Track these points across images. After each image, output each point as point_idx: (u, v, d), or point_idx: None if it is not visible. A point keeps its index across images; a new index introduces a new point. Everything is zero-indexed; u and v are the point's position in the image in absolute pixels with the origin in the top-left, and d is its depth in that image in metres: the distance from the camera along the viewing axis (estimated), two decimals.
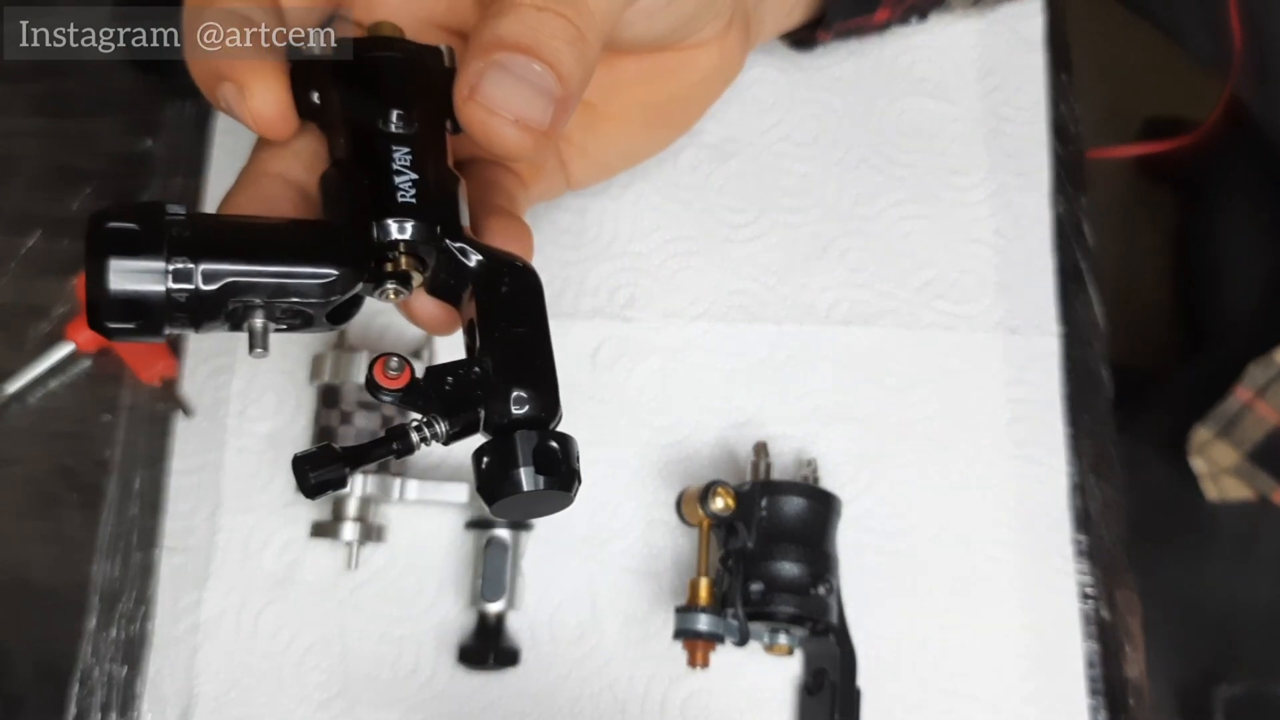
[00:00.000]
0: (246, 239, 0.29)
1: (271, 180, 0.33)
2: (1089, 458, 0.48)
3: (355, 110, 0.31)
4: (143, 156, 0.54)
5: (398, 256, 0.30)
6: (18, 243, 0.54)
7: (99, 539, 0.48)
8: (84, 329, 0.51)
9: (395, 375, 0.28)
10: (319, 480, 0.27)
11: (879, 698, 0.44)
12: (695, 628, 0.42)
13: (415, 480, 0.46)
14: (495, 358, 0.29)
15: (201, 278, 0.27)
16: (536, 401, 0.28)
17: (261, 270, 0.28)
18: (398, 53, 0.32)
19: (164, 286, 0.27)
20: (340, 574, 0.47)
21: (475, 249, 0.30)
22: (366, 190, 0.30)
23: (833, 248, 0.51)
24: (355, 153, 0.31)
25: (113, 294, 0.27)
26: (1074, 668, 0.45)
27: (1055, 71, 0.53)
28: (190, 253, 0.27)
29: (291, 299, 0.28)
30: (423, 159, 0.30)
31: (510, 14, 0.30)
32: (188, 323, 0.28)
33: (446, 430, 0.28)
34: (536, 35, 0.30)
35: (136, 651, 0.47)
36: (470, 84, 0.30)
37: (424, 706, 0.45)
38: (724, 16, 0.40)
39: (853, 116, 0.52)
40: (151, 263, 0.27)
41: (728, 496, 0.42)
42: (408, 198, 0.30)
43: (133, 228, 0.27)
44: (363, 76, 0.32)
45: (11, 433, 0.51)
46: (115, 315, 0.27)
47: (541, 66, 0.30)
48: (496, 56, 0.29)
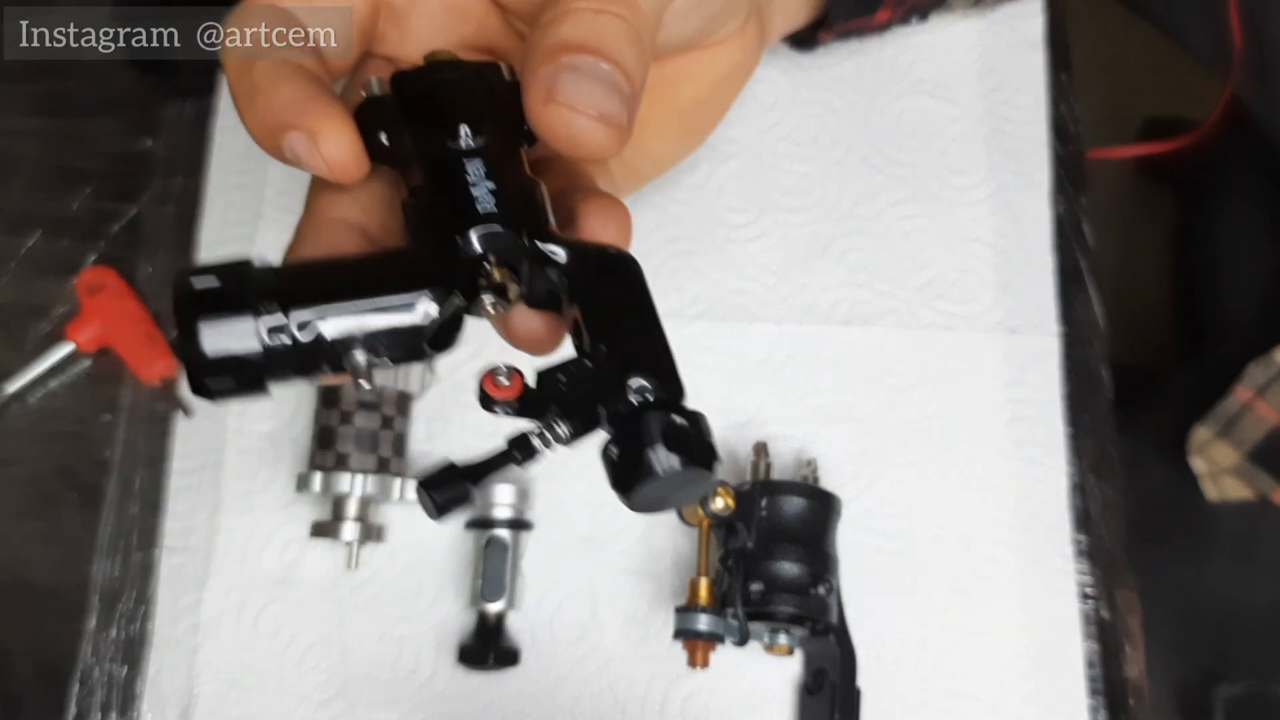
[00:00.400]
0: (334, 279, 0.28)
1: (335, 227, 0.32)
2: (1089, 458, 0.48)
3: (424, 136, 0.31)
4: (143, 156, 0.54)
5: (489, 268, 0.29)
6: (18, 243, 0.54)
7: (99, 539, 0.48)
8: (84, 328, 0.51)
9: (506, 385, 0.27)
10: (443, 500, 0.27)
11: (879, 698, 0.44)
12: (695, 628, 0.42)
13: (415, 480, 0.46)
14: (607, 349, 0.27)
15: (296, 326, 0.27)
16: (659, 384, 0.27)
17: (354, 307, 0.27)
18: (456, 71, 0.32)
19: (259, 342, 0.26)
20: (340, 574, 0.47)
21: (565, 245, 0.29)
22: (446, 208, 0.29)
23: (833, 248, 0.51)
24: (430, 176, 0.30)
25: (209, 357, 0.26)
26: (1074, 668, 0.45)
27: (1055, 71, 0.53)
28: (280, 302, 0.27)
29: (389, 330, 0.28)
30: (498, 168, 0.30)
31: (569, 18, 0.30)
32: (290, 372, 0.27)
33: (568, 431, 0.27)
34: (599, 35, 0.30)
35: (136, 651, 0.47)
36: (545, 87, 0.29)
37: (424, 706, 0.45)
38: (743, 12, 0.40)
39: (853, 116, 0.52)
40: (243, 320, 0.26)
41: (728, 496, 0.42)
42: (488, 206, 0.29)
43: (218, 286, 0.26)
44: (427, 102, 0.31)
45: (11, 433, 0.51)
46: (215, 377, 0.27)
47: (609, 65, 0.30)
48: (566, 59, 0.29)
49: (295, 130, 0.30)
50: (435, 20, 0.37)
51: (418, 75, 0.32)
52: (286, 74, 0.31)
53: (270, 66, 0.31)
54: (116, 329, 0.51)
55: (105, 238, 0.53)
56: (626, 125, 0.30)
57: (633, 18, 0.31)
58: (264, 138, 0.31)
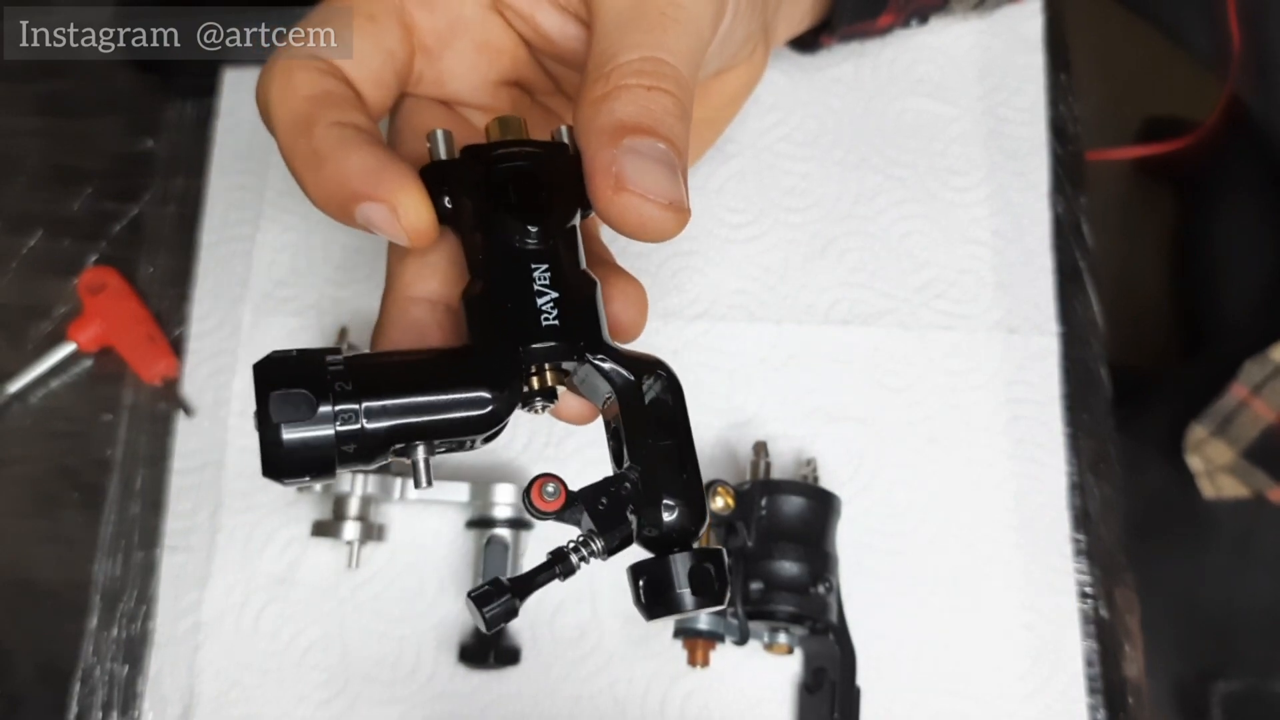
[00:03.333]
0: (404, 381, 0.30)
1: (419, 306, 0.33)
2: (1088, 457, 0.48)
3: (490, 225, 0.31)
4: (143, 156, 0.55)
5: (544, 374, 0.31)
6: (19, 242, 0.54)
7: (100, 538, 0.48)
8: (85, 328, 0.51)
9: (552, 499, 0.29)
10: (492, 615, 0.29)
11: (878, 696, 0.44)
12: (695, 626, 0.42)
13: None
14: (644, 469, 0.30)
15: (367, 425, 0.29)
16: (686, 512, 0.29)
17: (420, 407, 0.29)
18: (527, 160, 0.32)
19: (334, 441, 0.28)
20: (341, 573, 0.47)
21: (616, 359, 0.31)
22: (510, 314, 0.30)
23: (832, 248, 0.51)
24: (494, 272, 0.31)
25: (288, 454, 0.28)
26: (1073, 666, 0.45)
27: (1054, 72, 0.53)
28: (355, 402, 0.28)
29: (449, 424, 0.30)
30: (561, 273, 0.31)
31: (624, 96, 0.30)
32: (358, 462, 0.29)
33: (603, 546, 0.30)
34: (653, 114, 0.30)
35: (138, 650, 0.47)
36: (614, 174, 0.29)
37: (424, 705, 0.45)
38: (755, 41, 0.40)
39: (852, 117, 0.52)
40: (322, 428, 0.28)
41: (728, 496, 0.42)
42: (551, 320, 0.30)
43: (303, 394, 0.28)
44: (496, 189, 0.31)
45: (13, 432, 0.51)
46: (292, 472, 0.28)
47: (665, 145, 0.30)
48: (627, 141, 0.30)
49: (372, 202, 0.30)
50: (468, 59, 0.37)
51: (490, 153, 0.32)
52: (351, 141, 0.31)
53: (332, 132, 0.31)
54: (118, 329, 0.51)
55: (106, 238, 0.54)
56: (687, 208, 0.30)
57: (679, 90, 0.31)
58: (333, 206, 0.31)
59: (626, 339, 0.34)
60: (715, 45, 0.35)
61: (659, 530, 0.29)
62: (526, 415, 0.32)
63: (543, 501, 0.29)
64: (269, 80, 0.33)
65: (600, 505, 0.30)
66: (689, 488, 0.30)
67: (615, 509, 0.30)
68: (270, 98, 0.32)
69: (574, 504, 0.30)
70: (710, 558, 0.29)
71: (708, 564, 0.29)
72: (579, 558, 0.29)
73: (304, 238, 0.51)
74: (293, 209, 0.52)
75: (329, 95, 0.32)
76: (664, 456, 0.30)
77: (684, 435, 0.31)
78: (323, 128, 0.31)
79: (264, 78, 0.33)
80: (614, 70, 0.31)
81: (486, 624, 0.29)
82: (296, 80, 0.32)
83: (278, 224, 0.52)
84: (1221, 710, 0.58)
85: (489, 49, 0.37)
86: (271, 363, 0.29)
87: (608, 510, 0.30)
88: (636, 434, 0.30)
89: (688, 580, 0.29)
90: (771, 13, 0.43)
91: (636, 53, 0.31)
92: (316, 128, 0.31)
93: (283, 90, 0.32)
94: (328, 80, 0.33)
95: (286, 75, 0.32)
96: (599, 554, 0.30)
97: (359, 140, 0.31)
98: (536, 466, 0.48)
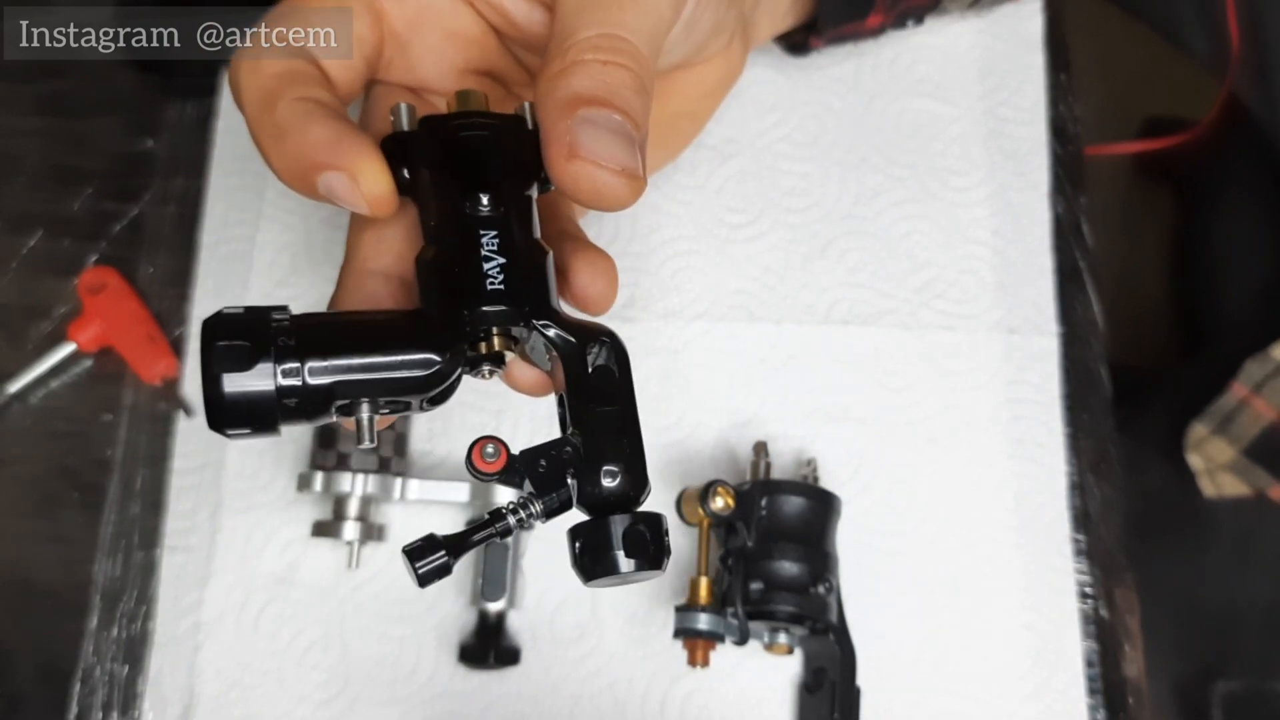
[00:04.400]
0: (350, 335, 0.30)
1: (374, 279, 0.34)
2: (1088, 457, 0.48)
3: (443, 192, 0.32)
4: (144, 156, 0.55)
5: (490, 339, 0.31)
6: (19, 242, 0.54)
7: (100, 538, 0.48)
8: (85, 328, 0.51)
9: (492, 460, 0.30)
10: (424, 571, 0.29)
11: (878, 696, 0.44)
12: (695, 627, 0.42)
13: (416, 480, 0.46)
14: (585, 435, 0.30)
15: (309, 379, 0.29)
16: (626, 478, 0.30)
17: (364, 365, 0.30)
18: (483, 129, 0.33)
19: (274, 394, 0.29)
20: (341, 573, 0.47)
21: (562, 326, 0.31)
22: (457, 279, 0.31)
23: (833, 248, 0.51)
24: (444, 237, 0.32)
25: (229, 404, 0.29)
26: (1073, 666, 0.45)
27: (1054, 71, 0.53)
28: (298, 358, 0.29)
29: (393, 385, 0.30)
30: (511, 240, 0.31)
31: (579, 70, 0.31)
32: (300, 418, 0.30)
33: (542, 509, 0.30)
34: (609, 87, 0.31)
35: (138, 650, 0.47)
36: (566, 143, 0.30)
37: (425, 705, 0.45)
38: (729, 30, 0.41)
39: (852, 117, 0.52)
40: (262, 380, 0.29)
41: (728, 496, 0.42)
42: (496, 284, 0.31)
43: (243, 345, 0.29)
44: (450, 158, 0.32)
45: (13, 432, 0.51)
46: (233, 422, 0.29)
47: (620, 116, 0.31)
48: (582, 113, 0.30)
49: (332, 170, 0.31)
50: (437, 47, 0.37)
51: (447, 123, 0.33)
52: (314, 114, 0.31)
53: (295, 106, 0.32)
54: (118, 329, 0.51)
55: (106, 238, 0.54)
56: (642, 176, 0.31)
57: (637, 66, 0.32)
58: (295, 177, 0.32)
59: (597, 311, 0.35)
60: (680, 30, 0.36)
61: (599, 497, 0.30)
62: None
63: (483, 462, 0.30)
64: (238, 62, 0.33)
65: (540, 468, 0.30)
66: (630, 454, 0.30)
67: (555, 472, 0.30)
68: (240, 78, 0.33)
69: (513, 466, 0.30)
70: (647, 521, 0.29)
71: (642, 526, 0.29)
72: (516, 519, 0.30)
73: (304, 238, 0.51)
74: (293, 209, 0.52)
75: (294, 73, 0.33)
76: (605, 422, 0.30)
77: (627, 403, 0.31)
78: (286, 102, 0.32)
79: (234, 60, 0.33)
80: (571, 46, 0.31)
81: (419, 579, 0.29)
82: (264, 60, 0.33)
83: (278, 224, 0.52)
84: (1222, 710, 0.58)
85: (458, 37, 0.38)
86: (219, 318, 0.29)
87: (547, 473, 0.30)
88: (579, 400, 0.31)
89: (623, 542, 0.29)
90: (750, 7, 0.43)
91: (594, 29, 0.31)
92: (280, 103, 0.32)
93: (251, 70, 0.33)
94: (294, 61, 0.33)
95: (254, 56, 0.33)
96: (538, 515, 0.30)
97: (320, 113, 0.31)
98: None
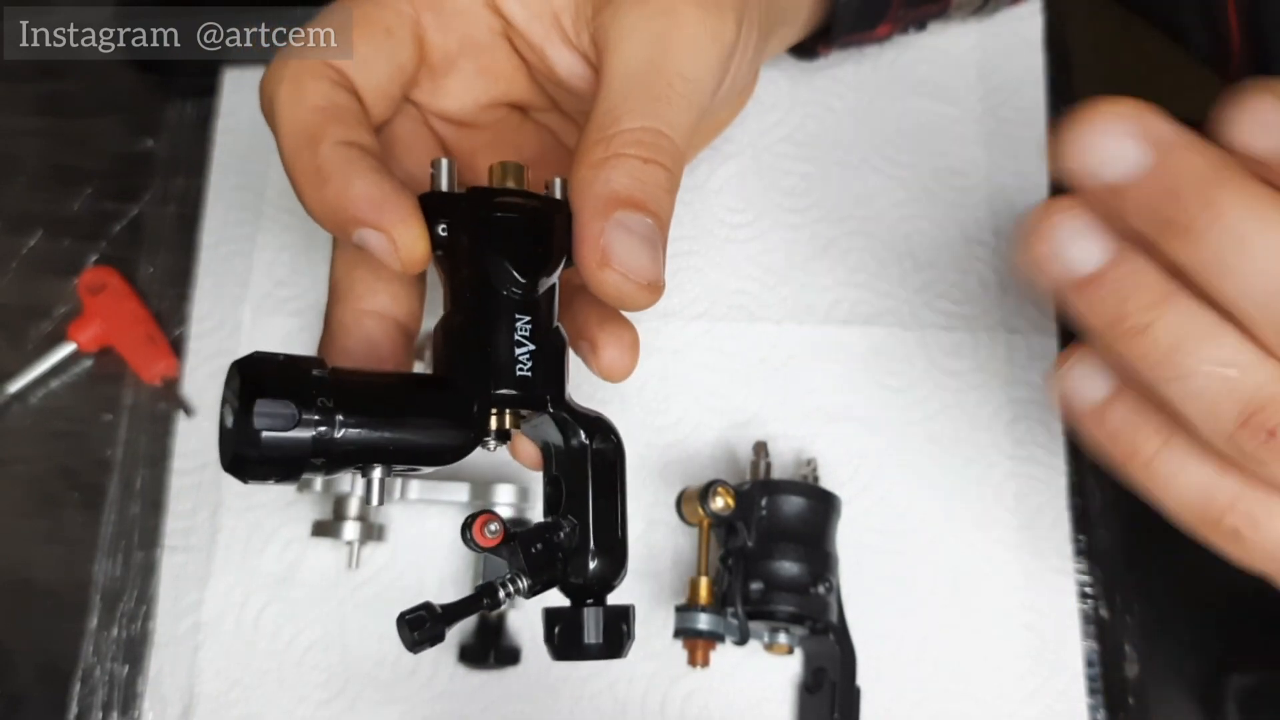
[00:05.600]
0: (382, 404, 0.31)
1: (371, 320, 0.34)
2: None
3: (484, 269, 0.32)
4: (144, 156, 0.55)
5: (503, 416, 0.32)
6: (19, 242, 0.54)
7: (100, 538, 0.48)
8: (85, 329, 0.51)
9: (492, 537, 0.31)
10: (420, 639, 0.30)
11: (878, 696, 0.44)
12: (695, 627, 0.42)
13: (416, 480, 0.46)
14: (581, 524, 0.32)
15: (339, 439, 0.29)
16: (609, 567, 0.32)
17: (394, 432, 0.31)
18: (523, 213, 0.33)
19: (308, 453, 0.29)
20: (341, 573, 0.47)
21: (570, 415, 0.33)
22: (487, 358, 0.32)
23: (833, 248, 0.51)
24: (478, 314, 0.32)
25: (261, 460, 0.29)
26: (1073, 666, 0.45)
27: (1054, 72, 0.53)
28: (333, 418, 0.29)
29: (411, 450, 0.31)
30: (541, 327, 0.32)
31: (620, 166, 0.31)
32: (319, 472, 0.30)
33: (529, 586, 0.32)
34: (645, 188, 0.31)
35: (138, 650, 0.47)
36: (600, 248, 0.31)
37: (425, 705, 0.45)
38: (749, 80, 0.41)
39: (853, 117, 0.52)
40: (299, 440, 0.29)
41: (728, 496, 0.42)
42: (525, 370, 0.32)
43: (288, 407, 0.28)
44: (495, 236, 0.32)
45: (13, 432, 0.51)
46: (258, 475, 0.29)
47: (652, 220, 0.31)
48: (617, 216, 0.31)
49: (372, 229, 0.31)
50: (468, 80, 0.37)
51: (494, 198, 0.33)
52: (357, 165, 0.31)
53: (339, 152, 0.31)
54: (118, 329, 0.51)
55: (106, 238, 0.54)
56: (662, 285, 0.32)
57: (673, 165, 0.32)
58: (330, 222, 0.32)
59: (616, 379, 0.36)
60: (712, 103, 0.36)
61: (582, 579, 0.32)
62: None
63: (483, 538, 0.31)
64: (277, 83, 0.32)
65: (535, 549, 0.32)
66: (615, 545, 0.33)
67: (548, 555, 0.32)
68: (277, 102, 0.32)
69: (511, 543, 0.32)
70: (623, 615, 0.32)
71: (621, 621, 0.32)
72: (506, 594, 0.31)
73: (304, 238, 0.51)
74: (293, 209, 0.52)
75: (337, 110, 0.32)
76: (600, 515, 0.33)
77: (619, 497, 0.33)
78: (329, 145, 0.31)
79: (272, 78, 0.33)
80: (616, 137, 0.31)
81: (413, 646, 0.30)
82: (307, 89, 0.32)
83: (278, 224, 0.52)
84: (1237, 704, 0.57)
85: (490, 72, 0.38)
86: (256, 364, 0.29)
87: (540, 555, 0.32)
88: (578, 489, 0.33)
89: (599, 633, 0.32)
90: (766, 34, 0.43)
91: (639, 121, 0.32)
92: (323, 145, 0.31)
93: (291, 97, 0.32)
94: (337, 93, 0.33)
95: (296, 82, 0.32)
96: (523, 593, 0.32)
97: (364, 165, 0.31)
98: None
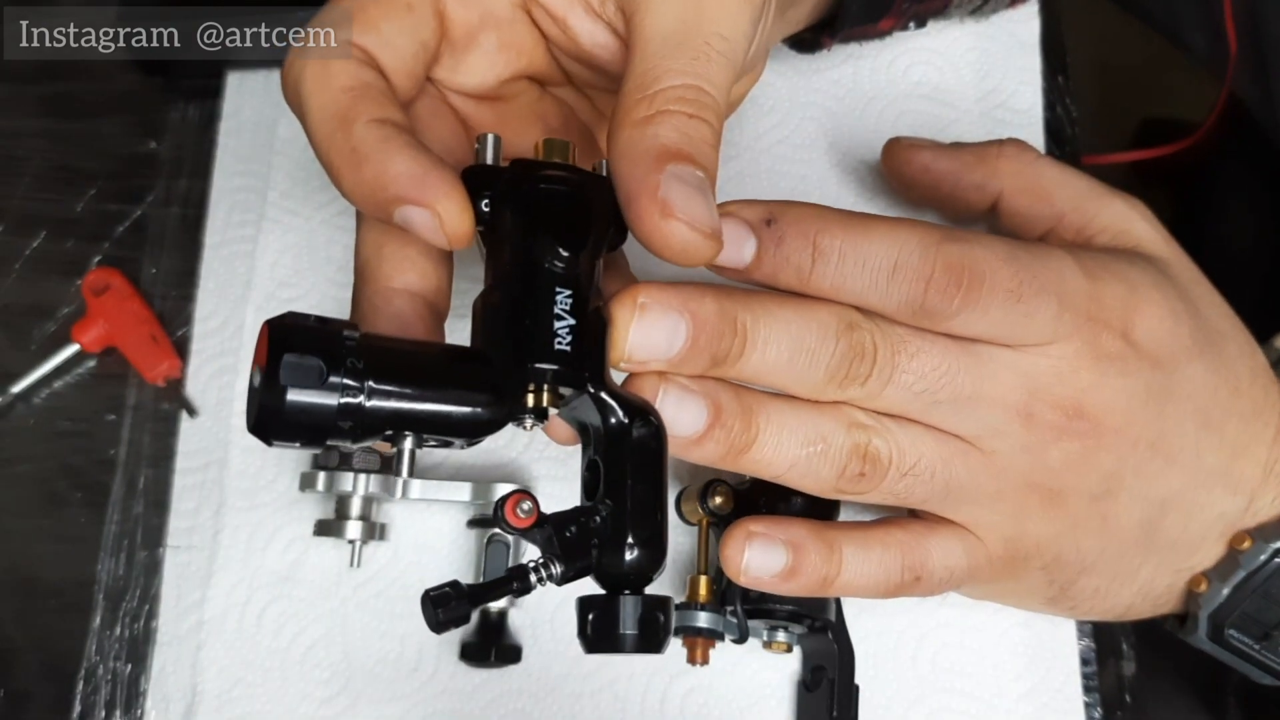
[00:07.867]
0: (415, 371, 0.30)
1: (401, 298, 0.33)
2: None
3: (525, 240, 0.31)
4: (147, 158, 0.55)
5: (541, 393, 0.31)
6: (23, 243, 0.54)
7: (104, 537, 0.49)
8: (89, 329, 0.51)
9: (525, 517, 0.30)
10: (445, 619, 0.29)
11: (877, 694, 0.44)
12: (695, 625, 0.42)
13: (418, 479, 0.46)
14: (616, 508, 0.31)
15: (369, 404, 0.29)
16: (647, 557, 0.30)
17: (425, 399, 0.30)
18: (569, 186, 0.32)
19: (334, 415, 0.28)
20: (343, 572, 0.47)
21: (611, 398, 0.31)
22: (527, 331, 0.31)
23: None
24: (520, 287, 0.31)
25: (288, 418, 0.28)
26: (1069, 665, 0.45)
27: (1051, 74, 0.53)
28: (363, 381, 0.29)
29: (443, 422, 0.30)
30: (582, 302, 0.31)
31: (666, 121, 0.30)
32: (348, 438, 0.29)
33: (562, 573, 0.30)
34: (694, 142, 0.30)
35: (141, 649, 0.47)
36: (660, 199, 0.29)
37: (426, 703, 0.46)
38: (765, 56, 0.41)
39: (851, 119, 0.53)
40: (326, 399, 0.28)
41: (727, 495, 0.42)
42: (564, 345, 0.31)
43: (316, 363, 0.28)
44: (539, 209, 0.32)
45: (17, 432, 0.51)
46: (284, 435, 0.29)
47: (703, 173, 0.30)
48: (671, 168, 0.30)
49: (415, 206, 0.30)
50: (489, 55, 0.37)
51: (538, 171, 0.32)
52: (394, 142, 0.31)
53: (373, 130, 0.31)
54: (121, 329, 0.51)
55: (110, 239, 0.54)
56: (721, 236, 0.31)
57: (717, 122, 0.31)
58: (369, 203, 0.31)
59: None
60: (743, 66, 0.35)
61: (619, 570, 0.30)
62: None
63: (516, 518, 0.30)
64: (301, 68, 0.32)
65: (568, 533, 0.30)
66: (654, 533, 0.31)
67: (581, 539, 0.30)
68: (304, 86, 0.32)
69: (543, 525, 0.30)
70: (661, 606, 0.30)
71: (659, 612, 0.30)
72: (538, 578, 0.30)
73: (307, 238, 0.52)
74: (296, 210, 0.52)
75: (366, 88, 0.32)
76: (638, 500, 0.31)
77: (659, 485, 0.31)
78: (362, 125, 0.31)
79: (295, 65, 0.32)
80: (658, 94, 0.31)
81: (438, 625, 0.29)
82: (333, 70, 0.32)
83: (280, 225, 0.52)
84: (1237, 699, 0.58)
85: (511, 47, 0.37)
86: (289, 326, 0.29)
87: (574, 539, 0.30)
88: (616, 474, 0.31)
89: (636, 624, 0.30)
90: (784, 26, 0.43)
91: (680, 79, 0.31)
92: (356, 125, 0.31)
93: (318, 79, 0.32)
94: (365, 71, 0.32)
95: (322, 64, 0.32)
96: (555, 578, 0.30)
97: (400, 141, 0.31)
98: (537, 467, 0.48)
